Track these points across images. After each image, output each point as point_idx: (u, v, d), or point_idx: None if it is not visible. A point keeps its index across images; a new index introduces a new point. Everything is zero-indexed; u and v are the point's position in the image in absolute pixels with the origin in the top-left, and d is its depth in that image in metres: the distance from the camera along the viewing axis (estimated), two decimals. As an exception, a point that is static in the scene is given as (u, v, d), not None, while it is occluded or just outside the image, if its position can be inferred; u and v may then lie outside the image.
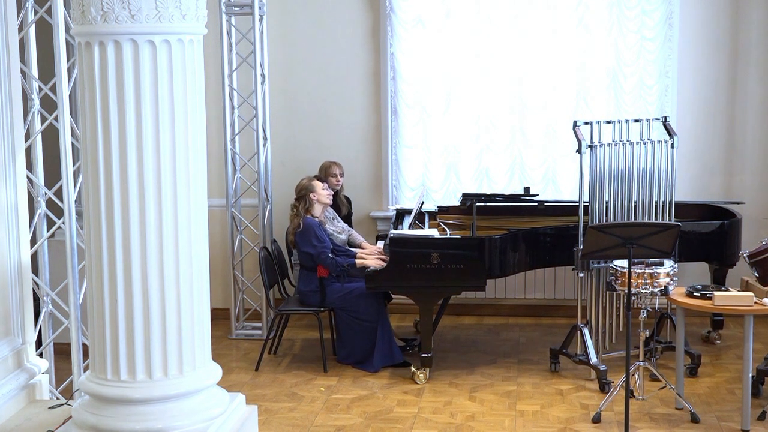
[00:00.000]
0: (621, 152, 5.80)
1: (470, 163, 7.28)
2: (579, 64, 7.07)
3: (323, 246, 6.04)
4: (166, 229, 3.77)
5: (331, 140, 7.33)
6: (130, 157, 3.69)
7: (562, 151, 7.13)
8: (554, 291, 7.27)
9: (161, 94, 3.67)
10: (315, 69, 7.31)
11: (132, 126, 3.68)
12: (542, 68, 7.10)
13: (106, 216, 3.74)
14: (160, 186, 3.73)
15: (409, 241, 5.93)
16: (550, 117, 7.13)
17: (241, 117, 7.05)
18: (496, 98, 7.18)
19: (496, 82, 7.16)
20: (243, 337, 7.01)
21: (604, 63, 7.07)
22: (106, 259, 3.76)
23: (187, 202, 3.81)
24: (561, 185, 7.20)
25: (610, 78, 7.08)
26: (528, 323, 7.19)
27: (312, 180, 6.23)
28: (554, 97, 7.13)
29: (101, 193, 3.74)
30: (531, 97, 7.14)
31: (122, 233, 3.73)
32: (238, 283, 7.08)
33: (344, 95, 7.31)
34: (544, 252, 6.13)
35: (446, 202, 7.02)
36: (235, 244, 7.04)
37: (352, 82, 7.30)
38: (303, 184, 6.20)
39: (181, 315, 3.83)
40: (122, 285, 3.75)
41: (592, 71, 7.09)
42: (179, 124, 3.74)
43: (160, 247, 3.77)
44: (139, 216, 3.72)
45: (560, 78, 7.10)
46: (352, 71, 7.28)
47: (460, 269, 5.81)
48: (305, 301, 6.25)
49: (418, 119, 7.29)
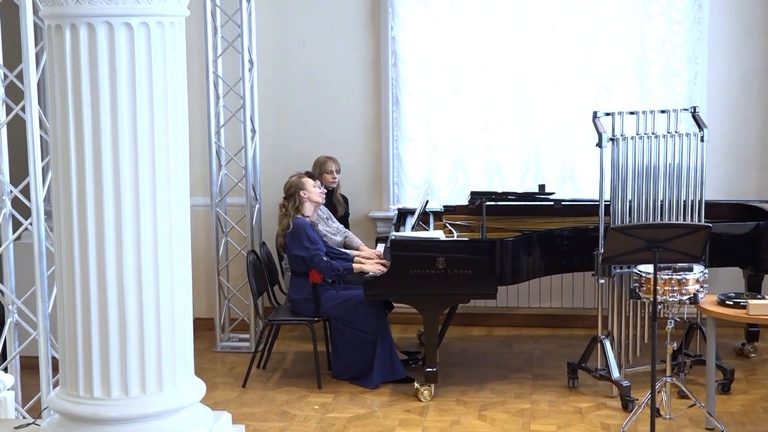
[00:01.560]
0: (646, 146, 5.80)
1: (479, 158, 7.27)
2: (600, 48, 7.08)
3: (316, 248, 6.05)
4: (144, 231, 3.78)
5: (326, 133, 7.32)
6: (105, 152, 3.70)
7: (580, 145, 7.11)
8: (572, 299, 7.26)
9: (139, 83, 3.68)
10: (308, 54, 7.30)
11: (107, 117, 3.68)
12: (559, 53, 7.10)
13: (78, 216, 3.74)
14: (137, 184, 3.73)
15: (412, 244, 5.93)
16: (568, 107, 7.13)
17: (226, 107, 7.04)
18: (507, 86, 7.17)
19: (507, 68, 7.15)
20: (229, 350, 7.01)
21: (627, 48, 7.07)
22: (78, 264, 3.77)
23: (168, 202, 3.82)
24: (579, 182, 7.20)
25: (633, 64, 7.08)
26: (543, 335, 7.18)
27: (303, 177, 6.24)
28: (572, 86, 7.12)
29: (73, 192, 3.75)
30: (546, 85, 7.13)
31: (96, 235, 3.73)
32: (223, 291, 7.08)
33: (341, 83, 7.30)
34: (561, 256, 6.12)
35: (453, 202, 7.00)
36: (221, 247, 7.05)
37: (349, 69, 7.29)
38: (292, 181, 6.21)
39: (160, 325, 3.83)
40: (96, 292, 3.76)
41: (613, 57, 7.09)
42: (159, 115, 3.74)
43: (138, 250, 3.77)
44: (115, 217, 3.73)
45: (579, 64, 7.10)
46: (349, 57, 7.28)
47: (468, 275, 5.81)
48: (297, 310, 6.25)
49: (422, 109, 7.28)
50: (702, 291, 5.28)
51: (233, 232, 7.14)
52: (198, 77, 6.93)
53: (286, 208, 6.19)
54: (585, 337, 6.39)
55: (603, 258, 5.28)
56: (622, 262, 5.55)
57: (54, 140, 3.79)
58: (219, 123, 7.01)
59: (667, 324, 5.24)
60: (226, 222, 7.09)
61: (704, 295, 5.31)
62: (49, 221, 4.70)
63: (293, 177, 6.26)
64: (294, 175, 6.31)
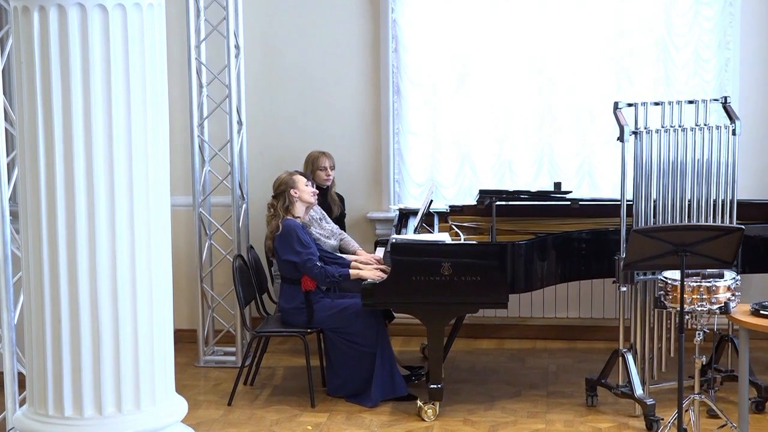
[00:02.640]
0: (672, 140, 5.79)
1: (489, 154, 7.26)
2: (620, 33, 7.07)
3: (309, 252, 6.05)
4: (120, 234, 3.78)
5: (320, 126, 7.31)
6: (77, 147, 3.70)
7: (600, 139, 7.11)
8: (591, 309, 7.26)
9: (114, 70, 3.68)
10: (301, 39, 7.29)
11: (79, 109, 3.68)
12: (577, 38, 7.10)
13: (47, 218, 3.74)
14: (113, 182, 3.74)
15: (414, 247, 5.93)
16: (586, 97, 7.12)
17: (210, 97, 7.04)
18: (520, 74, 7.16)
19: (520, 54, 7.14)
20: (213, 365, 7.02)
21: (651, 32, 7.06)
22: (47, 271, 3.76)
23: (146, 201, 3.82)
24: (599, 180, 7.19)
25: (658, 50, 7.07)
26: (559, 348, 7.18)
27: (293, 174, 6.24)
28: (591, 74, 7.11)
29: (41, 191, 3.75)
30: (563, 73, 7.13)
31: (67, 239, 3.73)
32: (207, 300, 7.08)
33: (336, 71, 7.29)
34: (579, 261, 6.11)
35: (460, 201, 6.97)
36: (204, 251, 7.05)
37: (345, 55, 7.29)
38: (282, 178, 6.21)
39: (138, 338, 3.83)
40: (67, 301, 3.76)
41: (636, 42, 7.07)
42: (136, 106, 3.75)
43: (114, 255, 3.77)
44: (88, 218, 3.73)
45: (598, 50, 7.10)
46: (345, 42, 7.27)
47: (476, 282, 5.81)
48: (288, 320, 6.25)
49: (426, 100, 7.26)
50: (734, 300, 5.26)
51: (218, 235, 7.13)
52: (179, 64, 6.92)
53: (275, 208, 6.19)
54: (605, 351, 6.38)
55: (625, 263, 5.26)
56: (645, 268, 5.53)
57: (21, 134, 3.79)
58: (202, 114, 7.00)
59: (696, 336, 5.23)
60: (210, 224, 7.08)
61: (736, 304, 5.29)
62: (15, 223, 4.67)
63: (283, 174, 6.26)
64: (284, 172, 6.30)
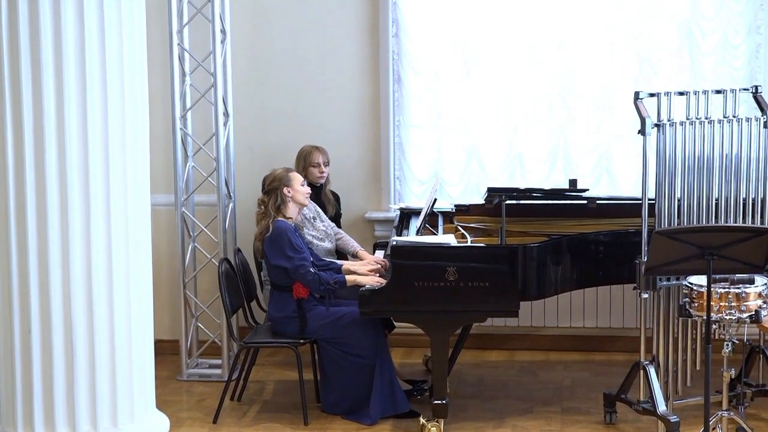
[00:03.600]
0: (698, 133, 5.79)
1: (498, 148, 7.27)
2: (642, 16, 7.07)
3: (301, 257, 6.03)
4: (95, 237, 3.78)
5: (314, 118, 7.31)
6: (49, 142, 3.70)
7: (619, 132, 7.12)
8: (609, 317, 7.27)
9: (90, 59, 3.68)
10: (292, 23, 7.30)
11: (51, 100, 3.68)
12: (593, 21, 7.10)
13: (15, 219, 3.75)
14: (88, 179, 3.74)
15: (416, 251, 5.93)
16: (604, 87, 7.13)
17: (194, 86, 7.03)
18: (531, 61, 7.16)
19: (531, 38, 7.14)
20: (197, 379, 7.01)
21: (675, 14, 7.07)
22: (15, 277, 3.76)
23: (124, 201, 3.83)
24: (618, 177, 7.21)
25: (682, 35, 7.08)
26: (575, 360, 7.20)
27: (290, 171, 6.23)
28: (609, 61, 7.12)
29: (9, 189, 3.75)
30: (578, 60, 7.13)
31: (38, 241, 3.74)
32: (190, 307, 7.08)
33: (331, 58, 7.30)
34: (597, 266, 6.12)
35: (466, 200, 7.00)
36: (187, 255, 7.05)
37: (341, 41, 7.29)
38: (277, 174, 6.19)
39: (115, 349, 3.83)
40: (37, 311, 3.76)
41: (659, 26, 7.08)
42: (114, 97, 3.75)
43: (89, 259, 3.78)
44: (61, 219, 3.73)
45: (617, 35, 7.10)
46: (341, 26, 7.27)
47: (484, 288, 5.81)
48: (279, 330, 6.25)
49: (429, 89, 7.27)
50: (765, 307, 5.27)
51: (202, 237, 7.12)
52: (160, 50, 6.92)
53: (266, 206, 6.16)
54: (625, 363, 6.39)
55: (646, 268, 5.26)
56: (669, 273, 5.54)
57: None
58: (185, 105, 6.99)
59: (724, 347, 5.23)
60: (193, 224, 7.08)
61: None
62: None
63: (279, 170, 6.23)
64: (280, 168, 6.27)
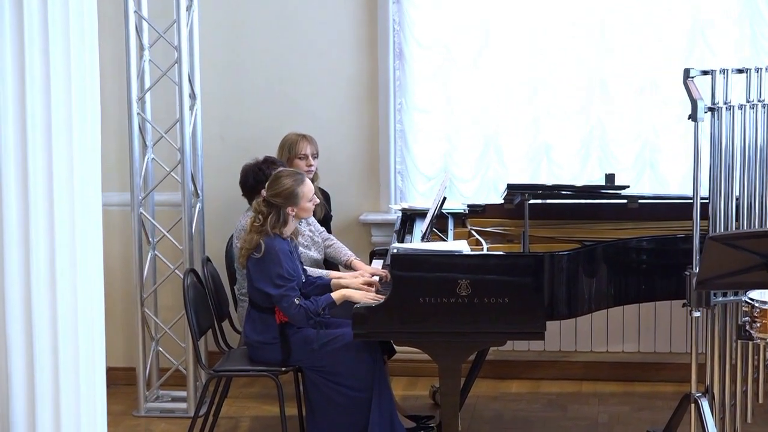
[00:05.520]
0: (760, 119, 5.81)
1: (520, 137, 7.31)
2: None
3: (290, 287, 5.96)
4: (35, 246, 3.85)
5: (299, 100, 7.35)
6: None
7: (665, 118, 7.16)
8: (654, 340, 7.30)
9: (29, 28, 3.73)
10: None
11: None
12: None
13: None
14: (26, 175, 3.79)
15: (422, 260, 5.91)
16: (648, 64, 7.17)
17: (154, 62, 7.05)
18: (561, 32, 7.19)
19: (560, 6, 7.18)
20: (158, 414, 7.05)
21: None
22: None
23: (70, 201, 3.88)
24: (664, 171, 7.25)
25: (742, 2, 7.10)
26: (612, 392, 7.23)
27: (302, 183, 6.02)
28: (655, 32, 7.14)
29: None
30: (618, 32, 7.17)
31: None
32: (149, 329, 7.09)
33: (320, 28, 7.33)
34: (639, 278, 6.16)
35: (482, 199, 7.04)
36: (145, 265, 7.07)
37: (331, 7, 7.33)
38: (288, 187, 5.97)
39: (59, 379, 3.86)
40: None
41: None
42: (57, 75, 3.79)
43: (27, 274, 3.84)
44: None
45: (664, 3, 7.12)
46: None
47: (503, 306, 5.79)
48: (257, 356, 6.23)
49: (438, 66, 7.30)
50: (843, 328, 5.27)
51: (164, 243, 7.14)
52: (113, 19, 6.96)
53: (265, 219, 6.03)
54: (672, 396, 6.43)
55: (699, 280, 5.28)
56: (725, 287, 5.55)
57: None
58: (143, 86, 7.01)
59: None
60: (153, 228, 7.10)
61: None
62: None
63: (287, 179, 6.00)
64: (284, 172, 6.06)
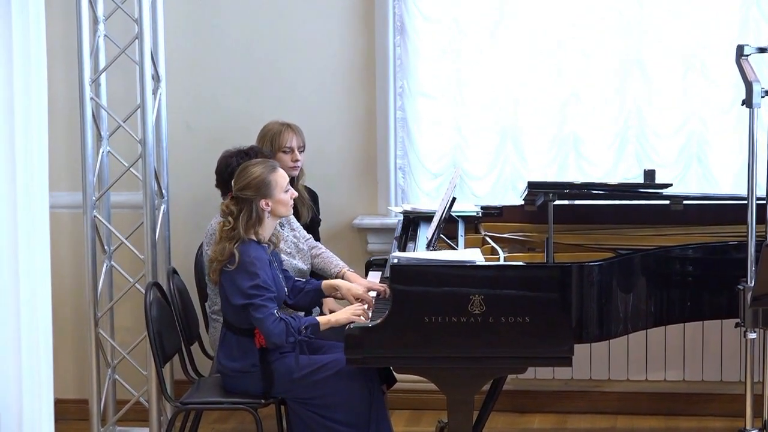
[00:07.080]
0: (828, 104, 5.88)
1: (543, 127, 7.35)
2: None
3: (267, 296, 5.96)
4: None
5: (281, 84, 7.44)
6: None
7: (715, 104, 7.21)
8: (702, 367, 7.34)
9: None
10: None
11: None
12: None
13: None
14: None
15: (427, 272, 5.88)
16: (693, 41, 7.22)
17: (110, 38, 7.06)
18: (589, 1, 7.23)
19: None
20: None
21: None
22: None
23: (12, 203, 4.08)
24: (713, 167, 7.31)
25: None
26: (653, 427, 7.29)
27: (273, 170, 6.05)
28: (699, 4, 7.18)
29: None
30: (656, 6, 7.21)
31: None
32: (104, 354, 7.10)
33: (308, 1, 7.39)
34: (683, 293, 6.19)
35: (498, 200, 7.12)
36: (100, 278, 7.07)
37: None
38: (256, 174, 5.99)
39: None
40: None
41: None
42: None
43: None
44: None
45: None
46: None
47: (524, 325, 5.78)
48: (233, 386, 6.20)
49: (446, 46, 7.35)
50: None
51: (122, 252, 7.16)
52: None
53: (236, 220, 5.98)
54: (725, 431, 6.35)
55: (754, 296, 5.39)
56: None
57: None
58: (97, 66, 7.04)
59: None
60: (109, 234, 7.13)
61: None
62: None
63: (257, 167, 6.05)
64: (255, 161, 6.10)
